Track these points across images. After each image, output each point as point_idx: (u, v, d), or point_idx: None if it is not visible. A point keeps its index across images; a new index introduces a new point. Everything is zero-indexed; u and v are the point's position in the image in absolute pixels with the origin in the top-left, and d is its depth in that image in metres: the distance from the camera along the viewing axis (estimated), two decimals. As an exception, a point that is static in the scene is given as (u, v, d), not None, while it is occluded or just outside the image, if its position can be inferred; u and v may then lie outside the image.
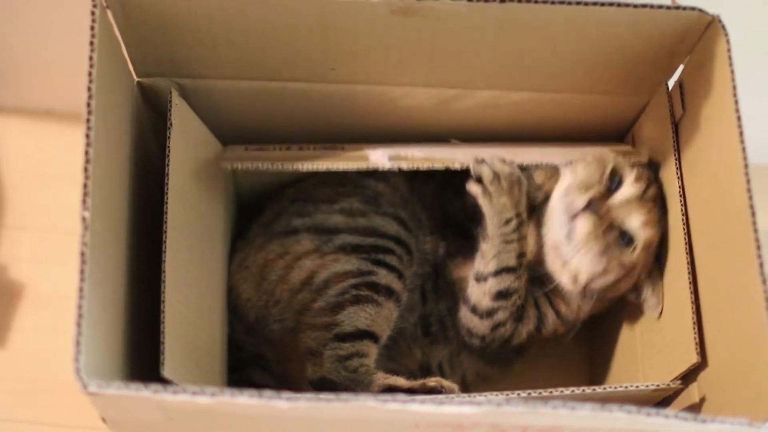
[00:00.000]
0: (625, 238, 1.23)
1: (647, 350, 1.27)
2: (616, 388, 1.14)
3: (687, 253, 1.17)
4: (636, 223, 1.23)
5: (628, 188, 1.24)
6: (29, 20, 1.54)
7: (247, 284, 1.32)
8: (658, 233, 1.24)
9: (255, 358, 1.35)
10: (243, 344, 1.34)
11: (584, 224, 1.22)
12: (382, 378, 1.18)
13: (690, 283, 1.16)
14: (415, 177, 1.39)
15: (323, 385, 1.21)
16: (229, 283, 1.34)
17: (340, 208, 1.33)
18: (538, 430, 0.90)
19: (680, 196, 1.20)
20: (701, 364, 1.12)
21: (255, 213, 1.42)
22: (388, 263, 1.26)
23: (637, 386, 1.14)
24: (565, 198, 1.25)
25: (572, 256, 1.24)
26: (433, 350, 1.38)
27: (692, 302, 1.14)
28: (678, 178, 1.21)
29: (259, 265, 1.32)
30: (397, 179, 1.39)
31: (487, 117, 1.33)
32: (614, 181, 1.25)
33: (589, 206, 1.22)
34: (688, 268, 1.16)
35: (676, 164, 1.22)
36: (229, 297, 1.33)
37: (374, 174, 1.37)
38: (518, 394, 1.12)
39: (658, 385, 1.13)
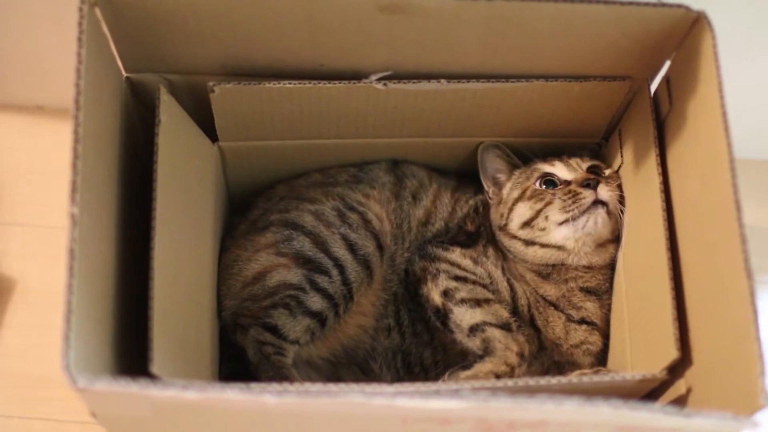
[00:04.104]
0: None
1: (634, 342, 1.27)
2: (602, 377, 1.14)
3: (668, 250, 1.18)
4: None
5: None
6: (19, 17, 1.54)
7: (221, 279, 1.35)
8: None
9: None
10: None
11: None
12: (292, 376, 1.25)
13: (671, 279, 1.16)
14: (400, 196, 1.44)
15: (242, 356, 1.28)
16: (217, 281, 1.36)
17: (315, 209, 1.37)
18: (524, 425, 0.91)
19: (662, 192, 1.21)
20: (686, 359, 1.12)
21: (245, 209, 1.44)
22: (322, 287, 1.31)
23: (623, 376, 1.14)
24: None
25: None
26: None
27: (673, 298, 1.15)
28: (659, 174, 1.22)
29: (231, 260, 1.36)
30: (382, 192, 1.43)
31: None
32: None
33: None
34: (669, 264, 1.17)
35: (657, 160, 1.23)
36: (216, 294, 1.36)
37: (366, 181, 1.43)
38: (505, 383, 1.12)
39: (644, 376, 1.13)
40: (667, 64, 1.24)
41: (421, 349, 1.38)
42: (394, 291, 1.39)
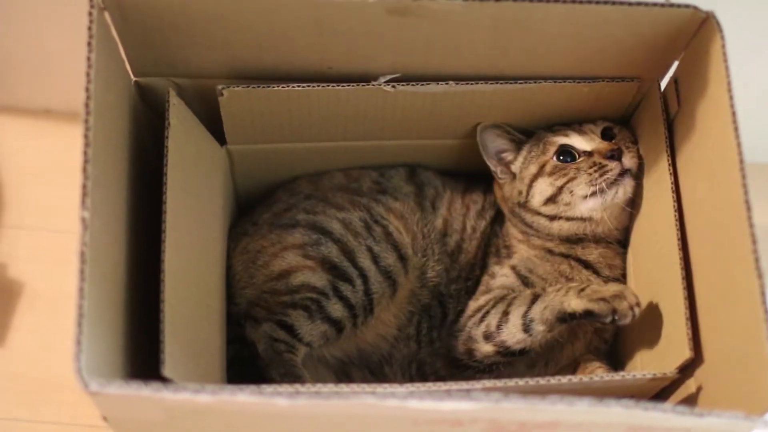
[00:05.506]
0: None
1: (645, 341, 1.27)
2: (613, 377, 1.15)
3: (680, 249, 1.18)
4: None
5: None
6: (27, 20, 1.54)
7: (242, 266, 1.36)
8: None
9: None
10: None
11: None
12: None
13: (683, 279, 1.16)
14: (423, 206, 1.44)
15: (251, 349, 1.28)
16: (229, 262, 1.37)
17: (342, 218, 1.37)
18: (536, 426, 0.91)
19: (673, 192, 1.21)
20: (697, 359, 1.12)
21: (268, 201, 1.44)
22: (345, 295, 1.31)
23: (634, 375, 1.14)
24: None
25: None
26: None
27: (685, 298, 1.15)
28: (671, 174, 1.22)
29: (256, 250, 1.36)
30: (407, 203, 1.43)
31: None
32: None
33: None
34: (681, 264, 1.17)
35: (668, 161, 1.23)
36: (226, 277, 1.36)
37: (390, 191, 1.43)
38: (516, 383, 1.12)
39: (654, 375, 1.13)
40: (675, 64, 1.24)
41: (434, 359, 1.38)
42: (422, 303, 1.39)
